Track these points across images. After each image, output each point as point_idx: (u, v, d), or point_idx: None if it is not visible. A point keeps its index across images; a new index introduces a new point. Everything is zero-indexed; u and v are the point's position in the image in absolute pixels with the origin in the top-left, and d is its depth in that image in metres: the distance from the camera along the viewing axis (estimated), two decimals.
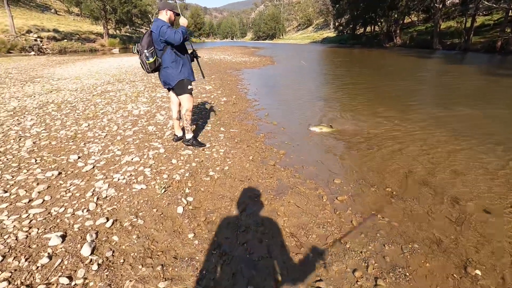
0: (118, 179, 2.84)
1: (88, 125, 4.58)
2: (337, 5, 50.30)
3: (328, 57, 22.72)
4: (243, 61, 16.80)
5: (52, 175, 2.90)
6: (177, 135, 3.90)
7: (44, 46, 31.15)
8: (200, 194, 2.66)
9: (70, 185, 2.72)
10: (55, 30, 34.93)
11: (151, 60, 3.14)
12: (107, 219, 2.23)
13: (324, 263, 1.88)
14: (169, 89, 3.57)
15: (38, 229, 2.11)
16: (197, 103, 6.24)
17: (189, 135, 3.70)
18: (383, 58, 20.20)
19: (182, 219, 2.29)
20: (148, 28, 3.32)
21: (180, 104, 3.61)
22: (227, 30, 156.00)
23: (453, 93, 7.57)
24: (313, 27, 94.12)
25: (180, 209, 2.40)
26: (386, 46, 35.86)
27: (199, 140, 3.92)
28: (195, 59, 3.55)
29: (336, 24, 58.11)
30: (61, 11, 54.63)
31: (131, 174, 2.95)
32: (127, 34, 49.75)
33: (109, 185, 2.73)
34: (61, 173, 2.96)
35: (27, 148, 3.58)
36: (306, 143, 4.03)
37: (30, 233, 2.06)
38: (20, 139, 3.90)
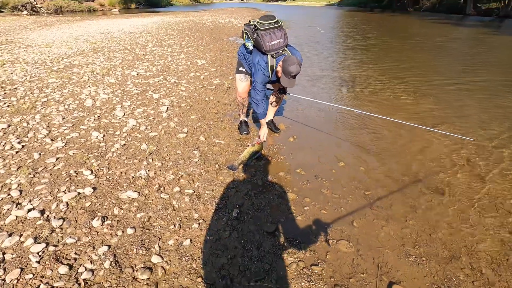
0: None
1: (8, 126, 3.15)
2: None
3: (346, 22, 20.03)
4: None
5: None
6: None
7: (38, 5, 28.73)
8: None
9: None
10: None
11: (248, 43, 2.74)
12: None
13: None
14: None
15: None
16: (177, 88, 4.68)
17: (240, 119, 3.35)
18: (409, 25, 17.51)
19: None
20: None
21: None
22: None
23: None
24: None
25: None
26: (409, 10, 31.99)
27: (244, 127, 3.27)
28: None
29: None
30: None
31: None
32: None
33: None
34: None
35: None
36: (330, 172, 2.54)
37: None
38: None
